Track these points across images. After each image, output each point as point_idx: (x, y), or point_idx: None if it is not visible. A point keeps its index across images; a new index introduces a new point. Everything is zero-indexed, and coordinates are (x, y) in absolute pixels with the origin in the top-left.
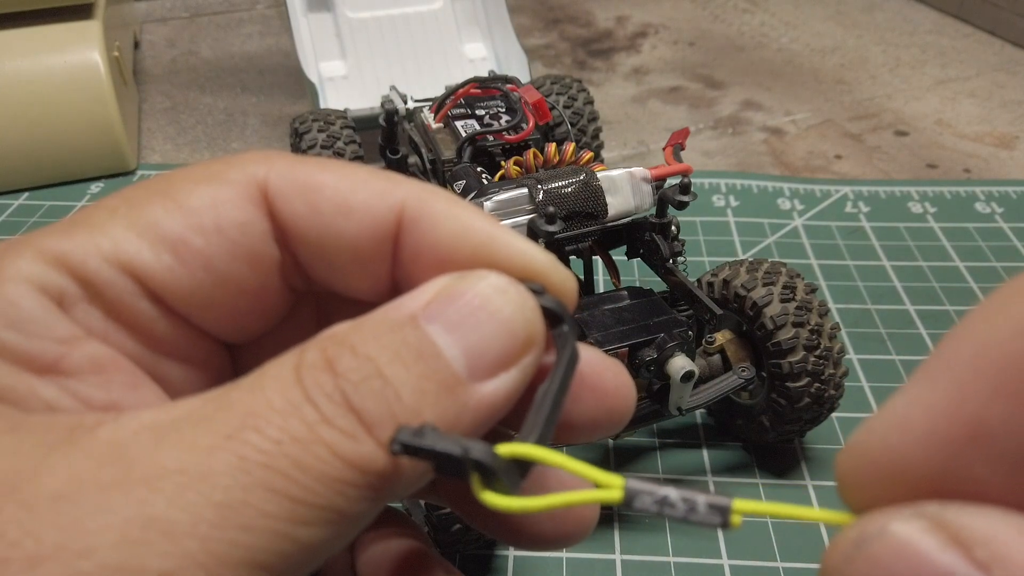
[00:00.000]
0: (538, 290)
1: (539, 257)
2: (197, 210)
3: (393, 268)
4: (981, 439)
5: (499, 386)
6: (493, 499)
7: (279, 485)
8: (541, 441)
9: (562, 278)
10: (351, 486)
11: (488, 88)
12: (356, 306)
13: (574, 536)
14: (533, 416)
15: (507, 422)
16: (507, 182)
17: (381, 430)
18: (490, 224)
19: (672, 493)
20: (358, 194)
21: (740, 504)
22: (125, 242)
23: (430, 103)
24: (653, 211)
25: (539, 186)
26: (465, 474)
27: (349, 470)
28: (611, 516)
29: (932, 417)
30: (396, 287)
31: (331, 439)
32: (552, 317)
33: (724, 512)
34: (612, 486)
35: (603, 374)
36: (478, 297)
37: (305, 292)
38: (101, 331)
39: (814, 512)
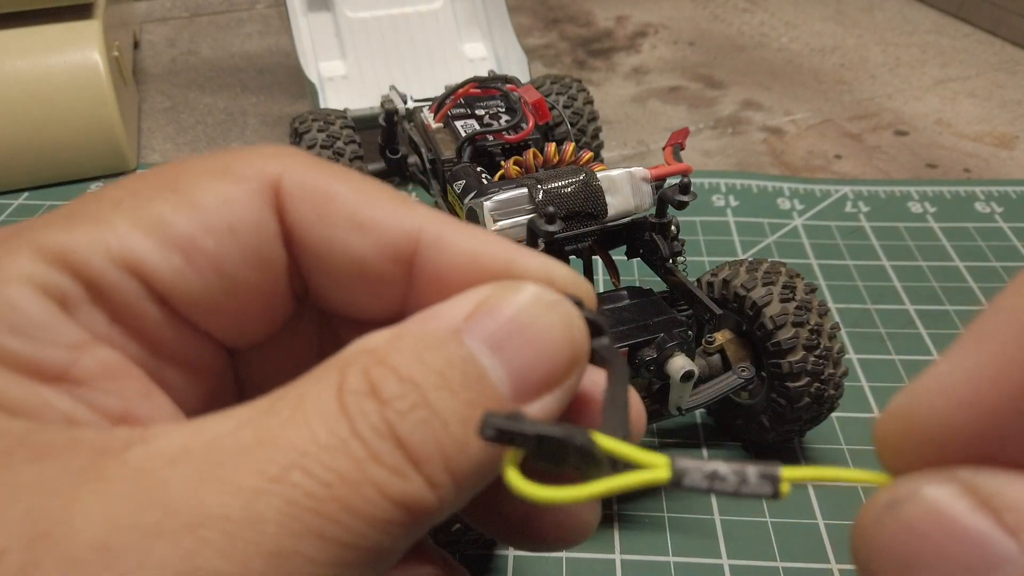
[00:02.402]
0: (577, 302)
1: (561, 272)
2: (208, 208)
3: (404, 293)
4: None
5: (542, 408)
6: (550, 492)
7: (328, 531)
8: (626, 439)
9: (585, 292)
10: (397, 525)
11: (488, 88)
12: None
13: (577, 537)
14: (612, 415)
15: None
16: (507, 182)
17: (429, 466)
18: (508, 245)
19: (721, 467)
20: (371, 211)
21: (788, 472)
22: (131, 240)
23: (430, 103)
24: (653, 211)
25: (539, 186)
26: (564, 459)
27: (397, 510)
28: (611, 516)
29: (975, 384)
30: (404, 310)
31: (380, 478)
32: (593, 328)
33: (775, 481)
34: (658, 465)
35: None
36: (523, 312)
37: (307, 299)
38: (106, 335)
39: (854, 473)
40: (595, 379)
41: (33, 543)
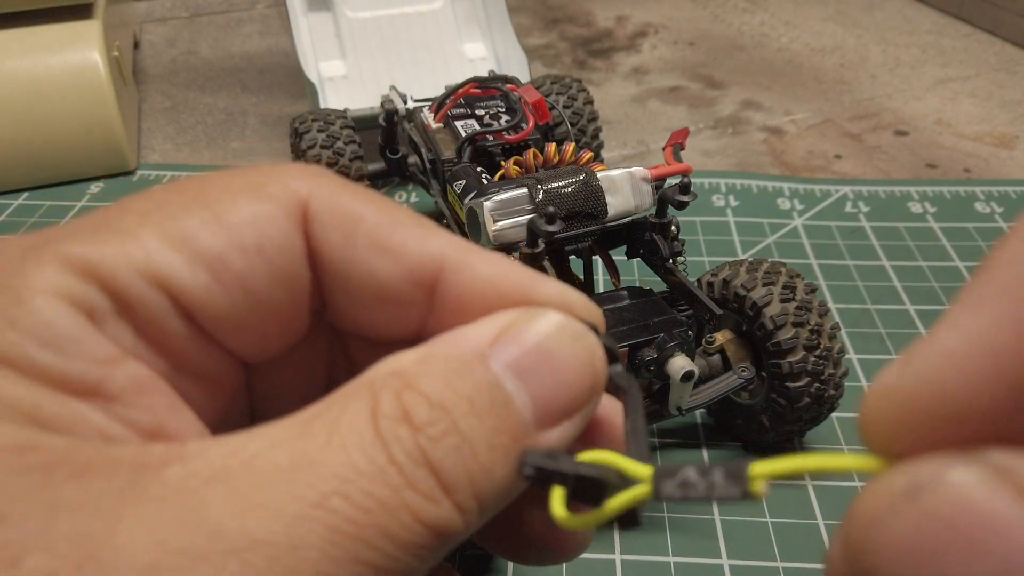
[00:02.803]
0: (593, 329)
1: (576, 298)
2: (237, 226)
3: (425, 315)
4: None
5: (561, 435)
6: (574, 520)
7: (367, 556)
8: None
9: (598, 318)
10: (427, 549)
11: (488, 88)
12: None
13: (573, 552)
14: (635, 445)
15: None
16: (507, 182)
17: (459, 492)
18: (527, 272)
19: (691, 473)
20: (397, 235)
21: (758, 467)
22: (160, 254)
23: (430, 103)
24: (653, 211)
25: (539, 186)
26: (600, 498)
27: (428, 534)
28: None
29: (991, 351)
30: (421, 332)
31: (414, 504)
32: (608, 356)
33: (741, 480)
34: (642, 478)
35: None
36: (548, 341)
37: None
38: (132, 349)
39: (841, 460)
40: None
41: (81, 566)
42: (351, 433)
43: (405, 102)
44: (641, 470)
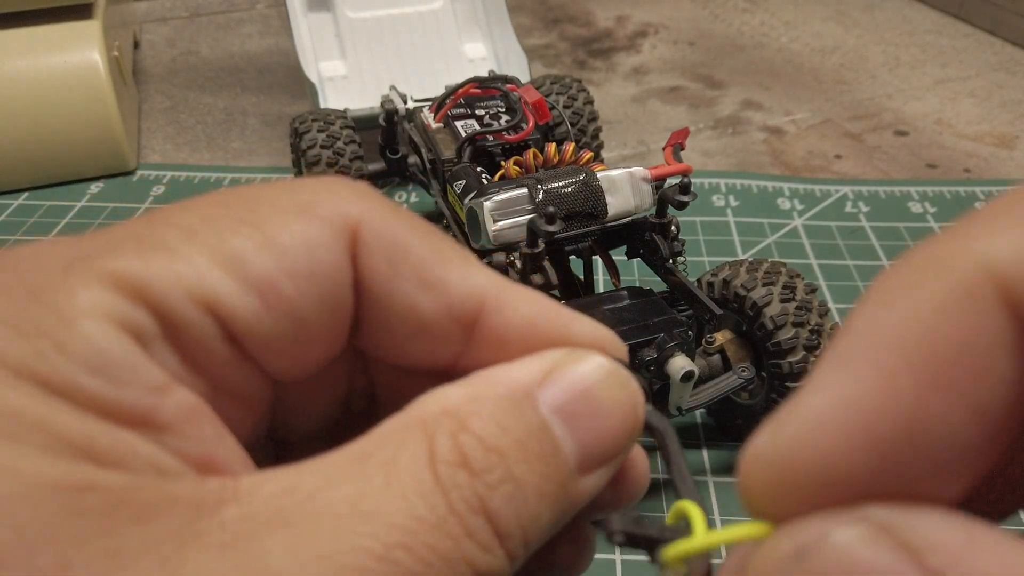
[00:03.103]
0: (627, 367)
1: (607, 336)
2: (288, 250)
3: (461, 351)
4: (918, 436)
5: (597, 480)
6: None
7: None
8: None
9: (624, 354)
10: None
11: (488, 88)
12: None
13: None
14: (684, 486)
15: None
16: (507, 182)
17: (511, 541)
18: (564, 311)
19: (623, 525)
20: (441, 269)
21: (669, 551)
22: (211, 277)
23: (430, 103)
24: (653, 211)
25: (539, 186)
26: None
27: None
28: None
29: (859, 413)
30: (455, 366)
31: (472, 555)
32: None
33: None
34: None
35: (636, 463)
36: (597, 387)
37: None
38: (177, 374)
39: (729, 532)
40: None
41: None
42: (411, 479)
43: (405, 102)
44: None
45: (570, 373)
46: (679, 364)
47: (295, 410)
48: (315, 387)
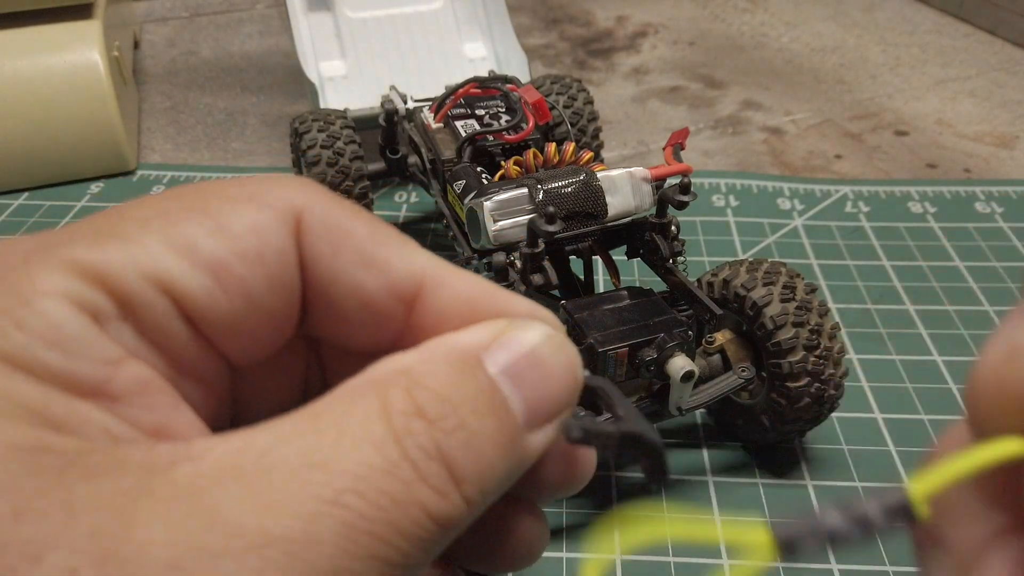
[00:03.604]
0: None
1: (546, 314)
2: (238, 234)
3: (402, 328)
4: None
5: (543, 438)
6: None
7: (380, 551)
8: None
9: (560, 330)
10: (433, 542)
11: (488, 88)
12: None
13: (525, 559)
14: (637, 421)
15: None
16: (507, 182)
17: (467, 485)
18: (501, 291)
19: (835, 519)
20: (382, 250)
21: (918, 486)
22: (164, 260)
23: (430, 103)
24: (653, 211)
25: (539, 186)
26: (639, 456)
27: (437, 529)
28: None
29: None
30: (396, 344)
31: (426, 499)
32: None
33: (907, 511)
34: (759, 545)
35: (585, 453)
36: (539, 349)
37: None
38: (134, 350)
39: (986, 452)
40: None
41: (103, 563)
42: (362, 430)
43: (405, 102)
44: (754, 536)
45: (515, 338)
46: (679, 364)
47: (255, 398)
48: (272, 374)
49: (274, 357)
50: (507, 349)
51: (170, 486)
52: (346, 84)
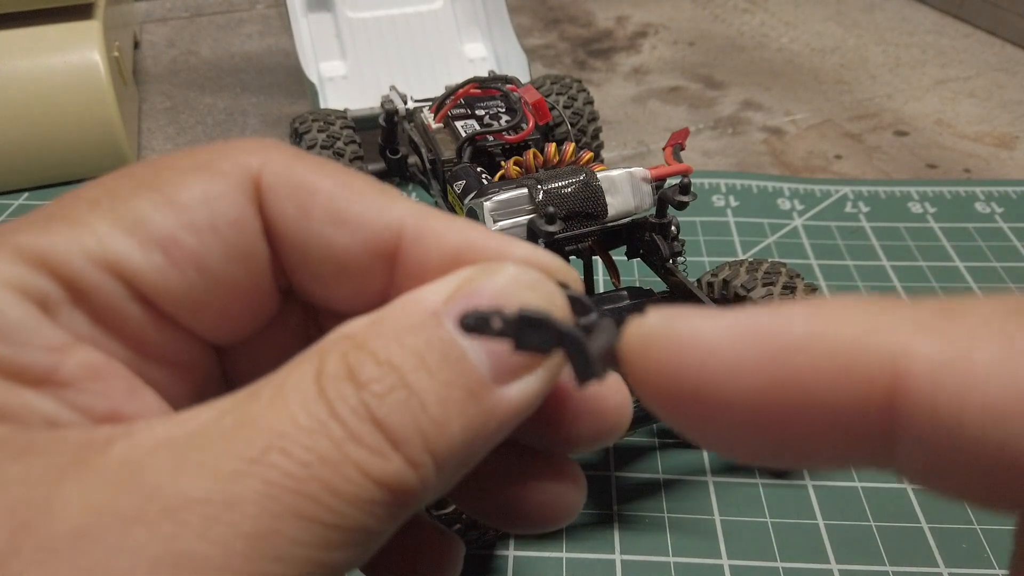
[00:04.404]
0: (562, 285)
1: (545, 258)
2: (188, 206)
3: (388, 285)
4: None
5: (524, 389)
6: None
7: (310, 511)
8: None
9: (573, 279)
10: (380, 505)
11: (488, 88)
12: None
13: (563, 517)
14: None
15: (530, 427)
16: (507, 182)
17: (408, 446)
18: (494, 236)
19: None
20: (353, 205)
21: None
22: (111, 240)
23: (430, 103)
24: (653, 211)
25: (539, 186)
26: (547, 343)
27: (379, 490)
28: (611, 516)
29: None
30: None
31: (360, 458)
32: (579, 307)
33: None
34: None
35: (605, 394)
36: (503, 292)
37: (291, 294)
38: (88, 336)
39: None
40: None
41: (14, 533)
42: (295, 393)
43: (405, 102)
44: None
45: (480, 285)
46: None
47: (253, 377)
48: (267, 352)
49: (266, 335)
50: (469, 299)
51: (102, 460)
52: (346, 84)
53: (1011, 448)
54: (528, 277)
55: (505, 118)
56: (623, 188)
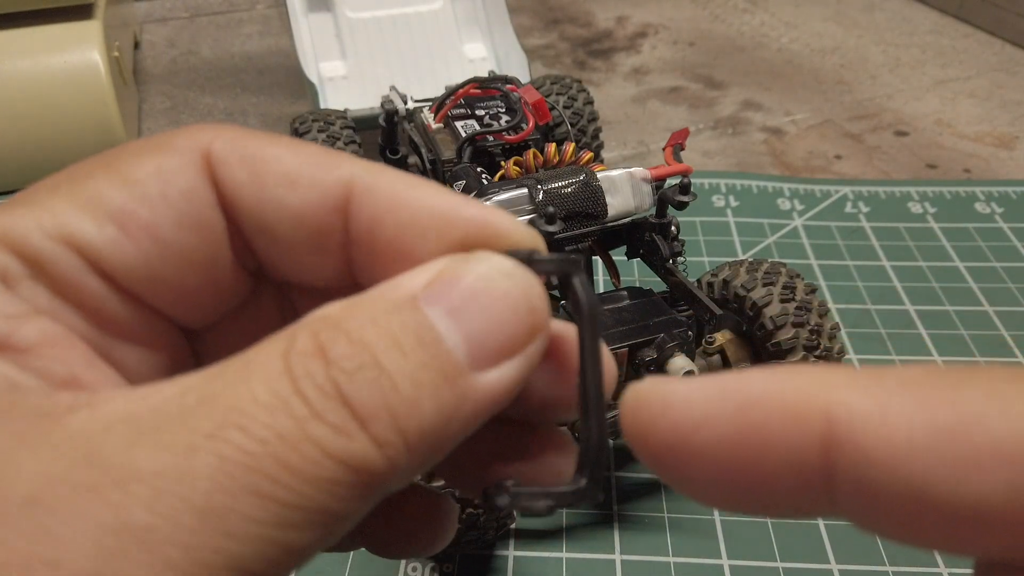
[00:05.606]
0: (536, 257)
1: (499, 218)
2: (140, 180)
3: (346, 248)
4: None
5: (502, 375)
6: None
7: (266, 488)
8: (601, 443)
9: (530, 239)
10: (343, 486)
11: (488, 88)
12: (321, 293)
13: (437, 546)
14: (594, 373)
15: (512, 411)
16: (507, 182)
17: (376, 425)
18: (443, 193)
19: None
20: (303, 167)
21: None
22: (67, 216)
23: (430, 103)
24: (653, 211)
25: (539, 186)
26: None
27: (341, 469)
28: (611, 516)
29: None
30: (354, 277)
31: (322, 437)
32: (562, 280)
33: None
34: None
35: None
36: (482, 279)
37: (263, 277)
38: (48, 309)
39: None
40: (567, 350)
41: None
42: (259, 369)
43: (405, 102)
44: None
45: (457, 273)
46: (679, 364)
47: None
48: (241, 337)
49: (239, 320)
50: (447, 285)
51: (60, 431)
52: (346, 84)
53: (924, 488)
54: (505, 266)
55: (505, 118)
56: (623, 188)
